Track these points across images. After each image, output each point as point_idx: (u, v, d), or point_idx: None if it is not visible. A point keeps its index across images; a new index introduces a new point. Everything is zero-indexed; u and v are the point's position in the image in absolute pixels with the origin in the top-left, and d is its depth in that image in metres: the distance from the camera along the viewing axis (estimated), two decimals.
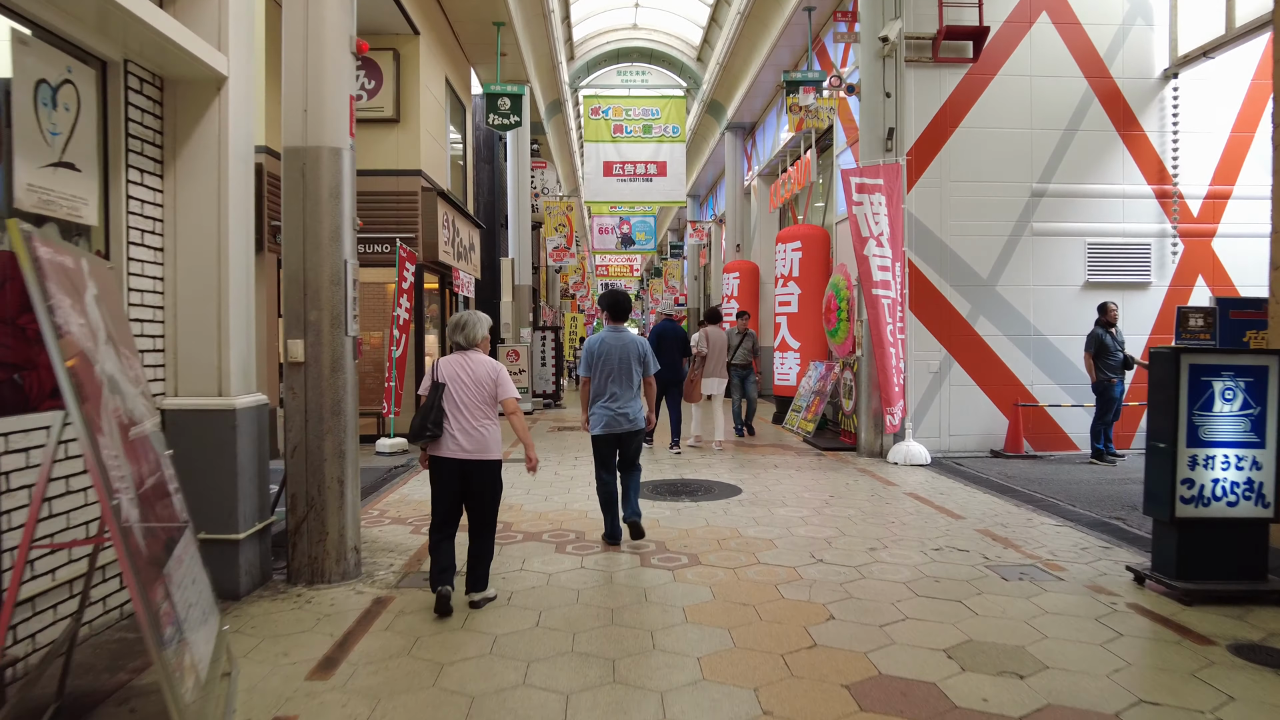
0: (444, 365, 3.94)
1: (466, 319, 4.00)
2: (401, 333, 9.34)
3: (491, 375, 3.93)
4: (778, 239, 12.12)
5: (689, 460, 8.41)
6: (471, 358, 3.96)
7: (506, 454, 8.80)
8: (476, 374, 3.91)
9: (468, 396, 3.86)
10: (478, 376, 3.90)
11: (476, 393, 3.88)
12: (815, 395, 10.45)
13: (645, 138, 17.81)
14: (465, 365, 3.92)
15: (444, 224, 10.59)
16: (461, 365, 3.92)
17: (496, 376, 3.95)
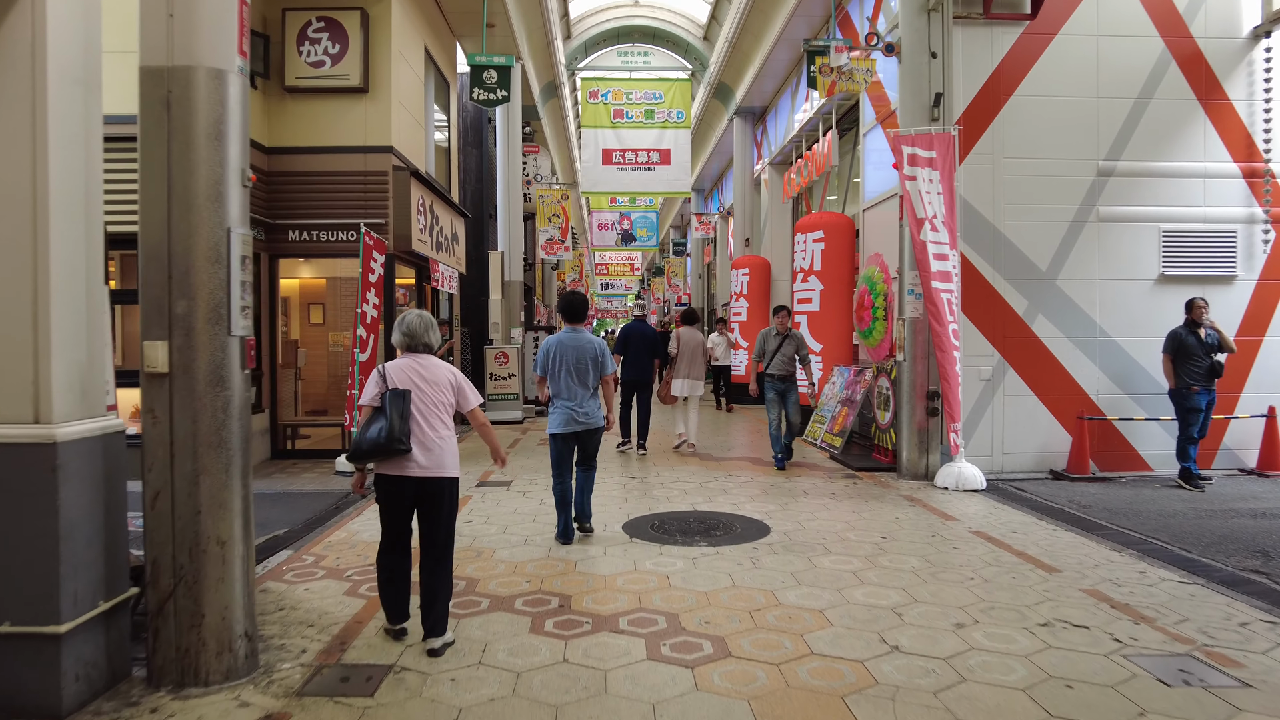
0: (394, 370, 3.48)
1: (416, 320, 3.59)
2: (369, 332, 8.08)
3: (450, 380, 3.57)
4: (796, 228, 10.86)
5: (701, 485, 7.13)
6: (424, 361, 3.56)
7: (486, 475, 7.72)
8: (434, 380, 3.51)
9: (425, 404, 3.45)
10: (435, 381, 3.51)
11: (434, 399, 3.49)
12: (842, 405, 9.17)
13: (647, 123, 16.54)
14: (419, 370, 3.51)
15: (419, 209, 9.32)
16: (415, 370, 3.50)
17: (456, 382, 3.59)
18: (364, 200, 8.87)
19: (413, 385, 3.43)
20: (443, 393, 3.51)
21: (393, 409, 3.32)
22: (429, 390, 3.47)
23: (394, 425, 3.29)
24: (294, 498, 6.95)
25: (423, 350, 3.58)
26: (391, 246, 8.87)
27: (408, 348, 3.58)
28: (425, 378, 3.48)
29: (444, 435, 3.47)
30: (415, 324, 3.58)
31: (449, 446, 3.48)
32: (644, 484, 7.09)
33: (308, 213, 8.84)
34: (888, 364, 8.12)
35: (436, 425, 3.45)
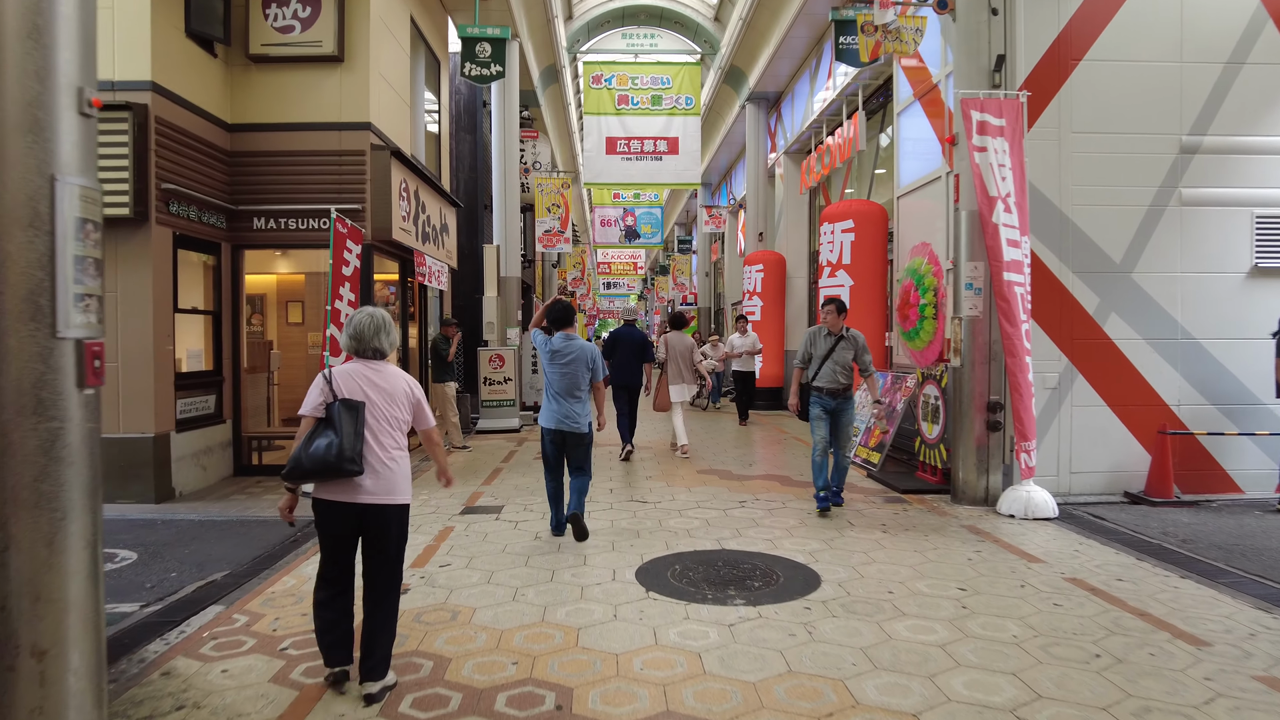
0: (342, 377, 3.02)
1: (365, 321, 3.11)
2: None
3: (407, 393, 3.14)
4: (823, 217, 9.81)
5: (725, 513, 6.09)
6: (379, 369, 3.11)
7: (475, 497, 6.60)
8: (390, 391, 3.09)
9: (377, 419, 3.03)
10: (391, 393, 3.09)
11: (388, 414, 3.06)
12: (880, 415, 8.13)
13: (654, 110, 15.51)
14: (372, 379, 3.07)
15: (402, 193, 8.29)
16: (367, 379, 3.06)
17: (414, 397, 3.17)
18: (338, 183, 7.84)
19: (365, 397, 3.00)
20: (398, 407, 3.09)
21: (345, 423, 2.89)
22: (382, 404, 3.04)
23: (346, 442, 2.86)
24: (248, 527, 5.92)
25: (373, 356, 3.11)
26: (369, 235, 7.84)
27: (356, 352, 3.11)
28: (379, 388, 3.05)
29: (395, 456, 3.05)
30: (364, 325, 3.09)
31: (401, 469, 3.07)
32: (659, 511, 6.04)
33: (275, 197, 7.81)
34: (936, 369, 7.08)
35: (388, 444, 3.03)
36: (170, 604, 4.12)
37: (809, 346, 6.18)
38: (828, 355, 6.06)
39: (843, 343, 6.08)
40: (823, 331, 6.18)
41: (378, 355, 3.10)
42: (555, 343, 5.31)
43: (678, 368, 9.06)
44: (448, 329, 9.71)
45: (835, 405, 6.07)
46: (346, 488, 2.93)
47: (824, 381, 6.05)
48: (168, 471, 6.76)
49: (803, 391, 6.15)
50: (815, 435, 6.08)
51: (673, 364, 9.08)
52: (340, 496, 2.93)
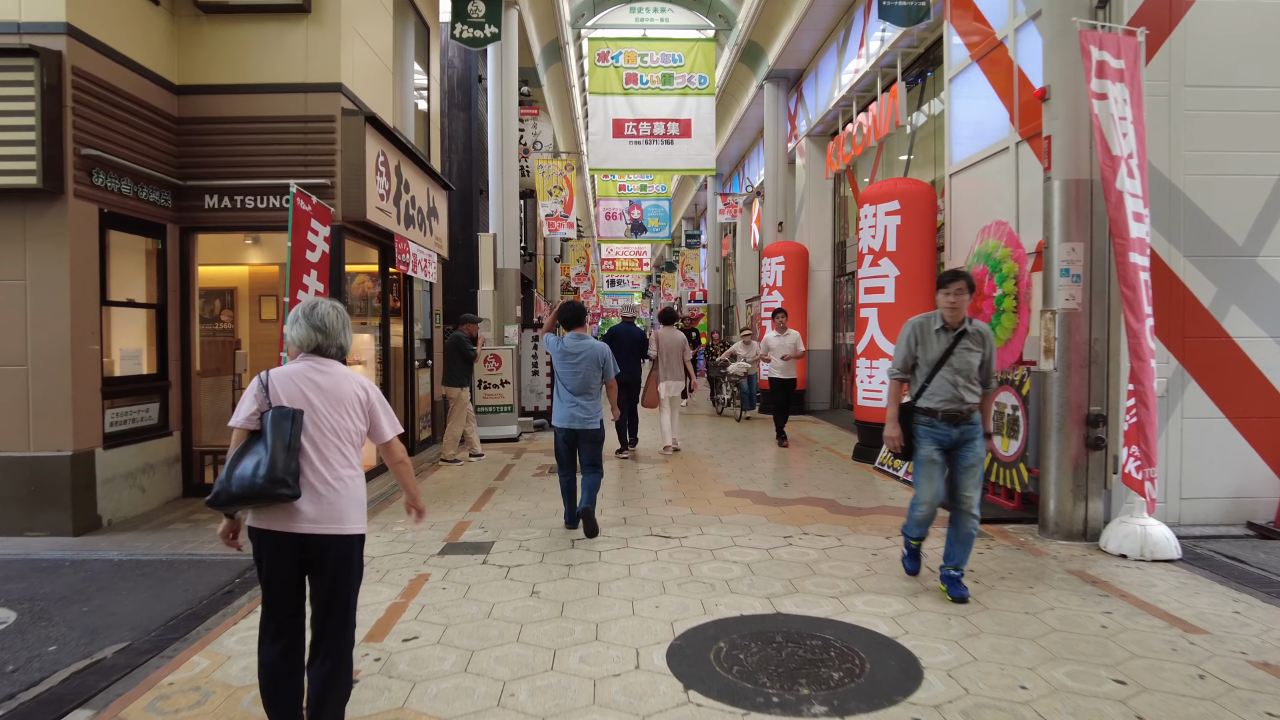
0: (280, 381, 2.48)
1: (332, 313, 2.60)
2: None
3: (360, 397, 2.57)
4: (863, 199, 8.63)
5: (770, 554, 4.92)
6: (325, 369, 2.55)
7: (459, 529, 5.30)
8: (336, 395, 2.52)
9: (321, 430, 2.48)
10: (338, 399, 2.52)
11: (335, 424, 2.51)
12: None
13: (665, 90, 14.34)
14: (316, 380, 2.51)
15: (379, 167, 7.13)
16: (310, 381, 2.50)
17: (368, 400, 2.60)
18: (304, 154, 6.68)
19: (305, 403, 2.50)
20: (348, 416, 2.56)
21: (275, 435, 2.40)
22: (328, 412, 2.53)
23: (276, 459, 2.37)
24: (177, 570, 4.76)
25: (335, 354, 2.63)
26: (339, 215, 6.68)
27: (314, 348, 2.59)
28: (324, 392, 2.53)
29: (344, 476, 2.53)
30: (331, 317, 2.61)
31: (351, 491, 2.54)
32: (686, 551, 4.88)
33: (231, 171, 6.66)
34: (1015, 373, 5.90)
35: (335, 461, 2.52)
36: (16, 709, 2.96)
37: (912, 346, 4.23)
38: (943, 360, 4.02)
39: (966, 340, 4.02)
40: (934, 323, 4.15)
41: (338, 354, 2.62)
42: (567, 343, 5.42)
43: (667, 364, 9.00)
44: (469, 326, 8.67)
45: (959, 435, 4.04)
46: (285, 515, 2.44)
47: (939, 401, 4.02)
48: (92, 496, 5.61)
49: (904, 416, 4.22)
50: (921, 484, 4.15)
51: (663, 360, 9.00)
52: (277, 525, 2.44)
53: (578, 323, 5.52)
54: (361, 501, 2.58)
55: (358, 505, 2.56)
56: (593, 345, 5.41)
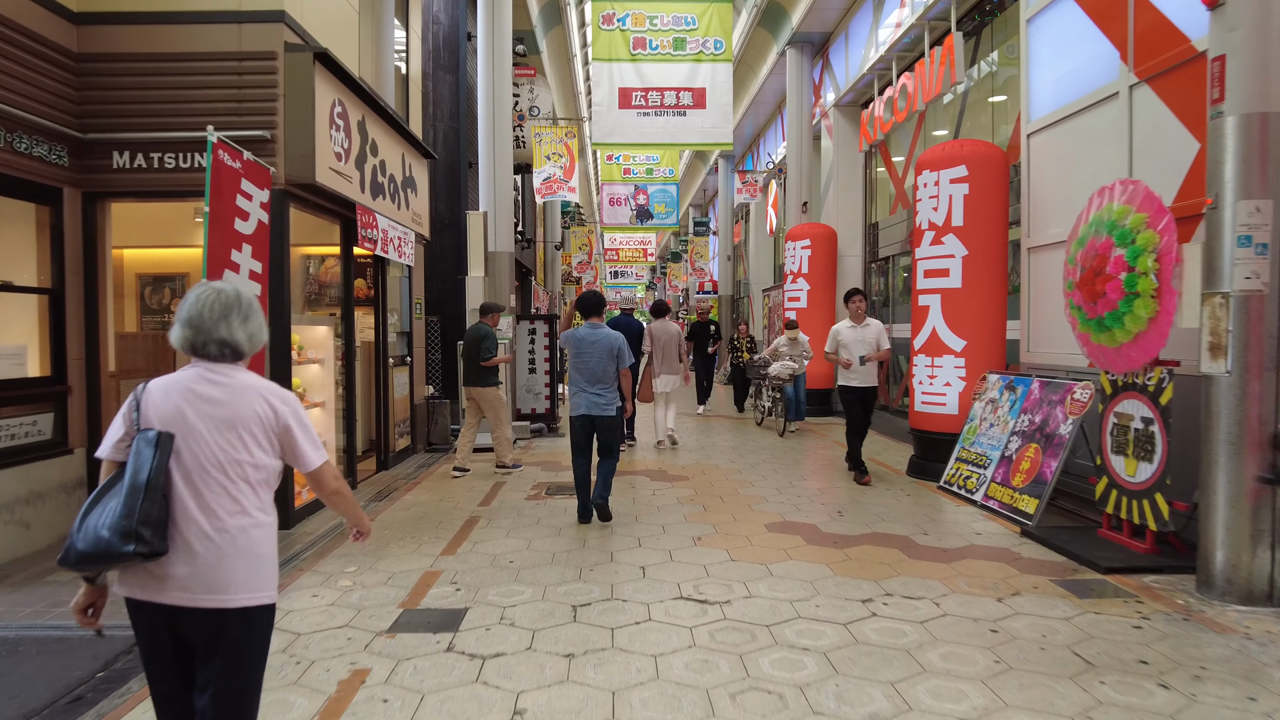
0: (157, 395, 1.91)
1: (211, 299, 1.94)
2: None
3: (264, 416, 1.94)
4: (920, 164, 7.25)
5: (857, 637, 3.58)
6: (216, 377, 1.93)
7: (425, 583, 3.81)
8: (228, 414, 1.91)
9: (203, 462, 1.88)
10: (231, 420, 1.91)
11: (223, 454, 1.89)
12: (1025, 440, 5.60)
13: (677, 56, 12.91)
14: (200, 395, 1.91)
15: (336, 120, 5.76)
16: (193, 395, 1.91)
17: (276, 418, 1.96)
18: (237, 100, 5.33)
19: (181, 425, 1.87)
20: (244, 443, 1.90)
21: (132, 471, 1.80)
22: (214, 437, 1.88)
23: (129, 504, 1.77)
24: (46, 650, 3.43)
25: (228, 357, 1.95)
26: (282, 176, 5.33)
27: (193, 349, 1.93)
28: (211, 410, 1.89)
29: (235, 526, 1.88)
30: (203, 304, 1.93)
31: (246, 546, 1.88)
32: (732, 629, 3.53)
33: (146, 121, 5.31)
34: (1148, 376, 4.54)
35: (221, 506, 1.87)
36: None
37: None
38: None
39: None
40: None
41: (232, 355, 1.94)
42: (582, 332, 5.49)
43: (663, 358, 8.76)
44: (489, 316, 7.46)
45: None
46: (150, 578, 1.83)
47: None
48: None
49: None
50: None
51: (658, 354, 8.76)
52: (142, 593, 1.84)
53: (595, 311, 5.61)
54: (264, 559, 1.94)
55: (257, 566, 1.92)
56: (607, 334, 5.46)
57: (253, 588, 1.90)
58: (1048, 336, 6.39)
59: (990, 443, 6.09)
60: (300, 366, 6.08)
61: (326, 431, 6.35)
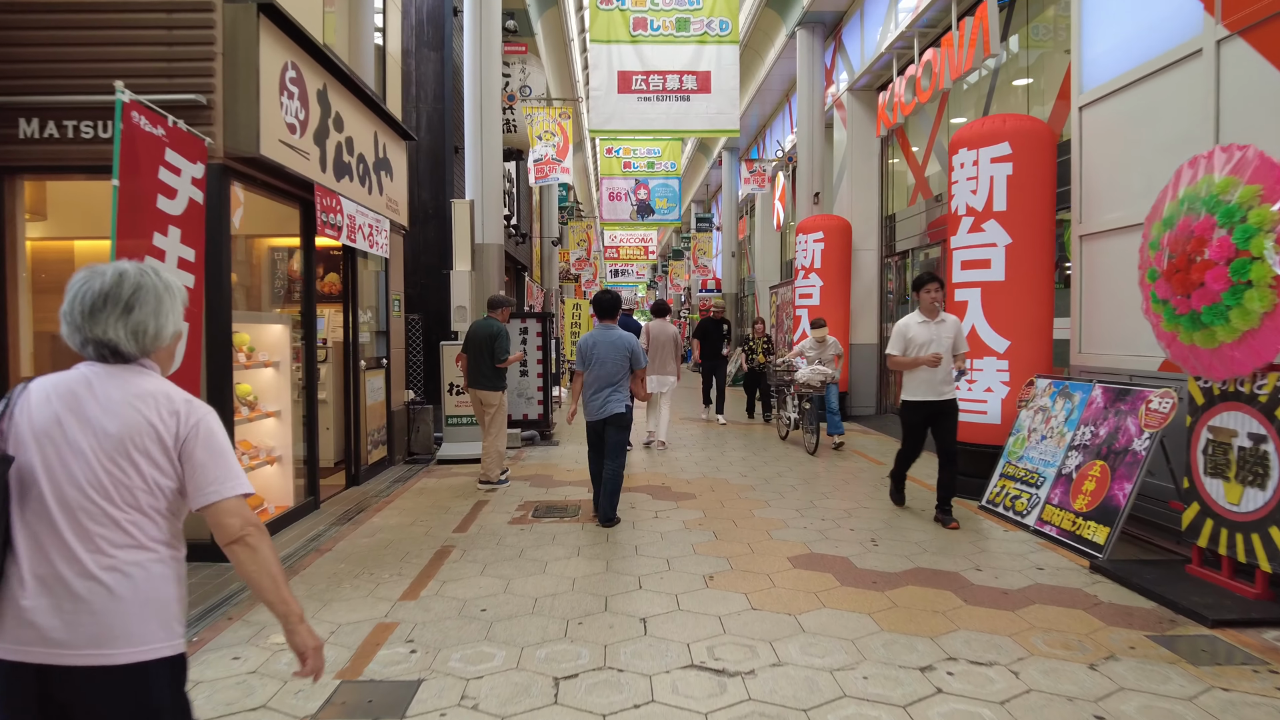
0: (37, 398, 1.59)
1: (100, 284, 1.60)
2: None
3: (158, 431, 1.59)
4: (956, 142, 6.46)
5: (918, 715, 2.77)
6: (111, 383, 1.60)
7: (371, 645, 2.96)
8: (114, 425, 1.57)
9: (80, 484, 1.55)
10: (117, 433, 1.57)
11: (104, 475, 1.56)
12: (1088, 456, 4.81)
13: (680, 37, 12.12)
14: (82, 400, 1.58)
15: (287, 86, 4.97)
16: (74, 400, 1.58)
17: (176, 433, 1.60)
18: (167, 59, 4.54)
19: (59, 439, 1.56)
20: (135, 463, 1.56)
21: None
22: (95, 454, 1.56)
23: None
24: None
25: (111, 358, 1.61)
26: (221, 148, 4.54)
27: (80, 346, 1.61)
28: (93, 420, 1.56)
29: (125, 563, 1.54)
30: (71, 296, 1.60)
31: (140, 588, 1.55)
32: (759, 712, 2.74)
33: (59, 84, 4.52)
34: (1256, 384, 3.74)
35: (105, 538, 1.54)
36: None
37: None
38: None
39: None
40: None
41: (106, 356, 1.60)
42: (595, 335, 5.43)
43: (658, 359, 8.59)
44: (498, 311, 6.74)
45: None
46: (15, 630, 1.50)
47: None
48: None
49: None
50: None
51: (654, 355, 8.56)
52: (8, 652, 1.50)
53: (609, 313, 5.55)
54: (164, 603, 1.57)
55: (154, 610, 1.55)
56: (620, 336, 5.42)
57: (147, 638, 1.54)
58: (1105, 335, 5.60)
59: (1043, 458, 5.30)
60: (250, 370, 5.30)
61: (283, 444, 5.57)
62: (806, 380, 8.17)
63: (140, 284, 1.61)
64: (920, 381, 5.29)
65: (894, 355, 5.37)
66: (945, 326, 5.33)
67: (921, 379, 5.26)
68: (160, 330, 1.62)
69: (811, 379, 8.15)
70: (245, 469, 5.25)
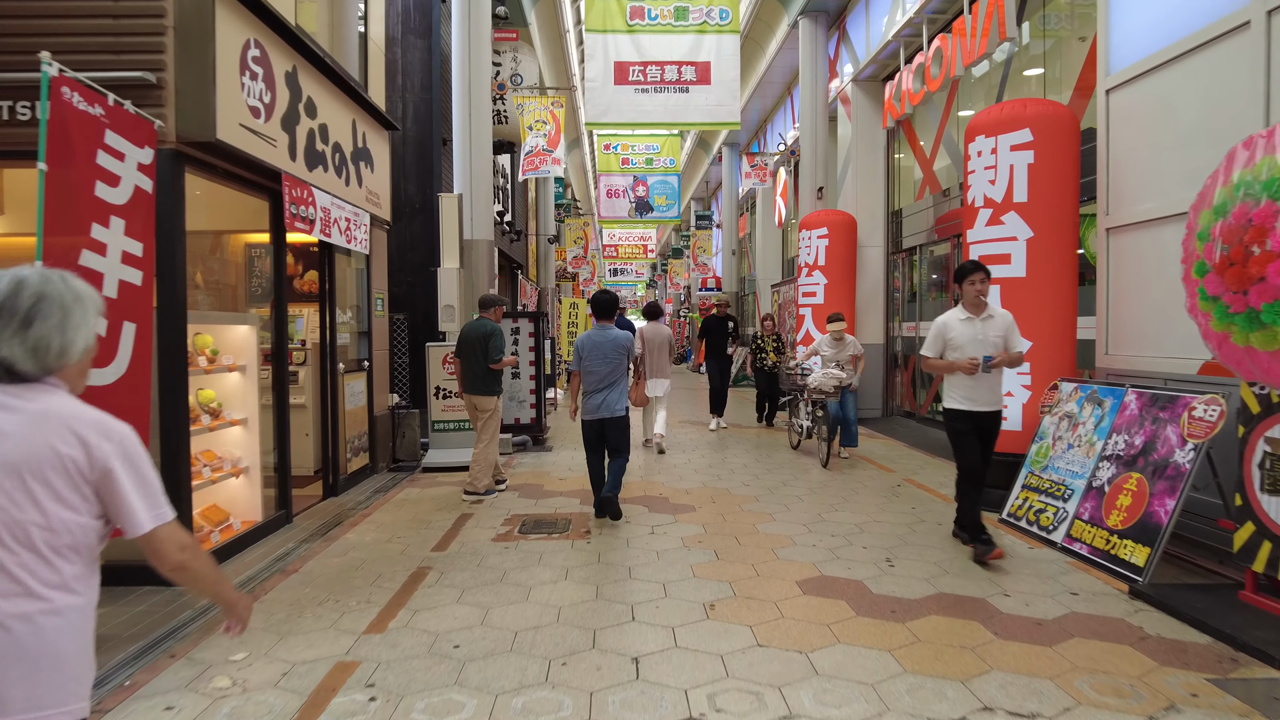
0: None
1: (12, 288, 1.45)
2: (116, 316, 3.53)
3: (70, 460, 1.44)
4: (972, 129, 6.05)
5: None
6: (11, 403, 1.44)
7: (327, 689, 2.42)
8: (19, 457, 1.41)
9: None
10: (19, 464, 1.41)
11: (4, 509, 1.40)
12: (1122, 468, 4.41)
13: (679, 26, 11.73)
14: None
15: (250, 65, 4.57)
16: None
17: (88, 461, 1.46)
18: (111, 33, 4.14)
19: None
20: (32, 495, 1.41)
21: None
22: None
23: None
24: None
25: (9, 375, 1.45)
26: (173, 132, 4.14)
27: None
28: None
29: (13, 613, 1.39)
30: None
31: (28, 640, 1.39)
32: None
33: None
34: None
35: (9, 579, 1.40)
36: None
37: None
38: None
39: None
40: None
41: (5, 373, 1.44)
42: (592, 336, 5.44)
43: (654, 361, 8.38)
44: (490, 310, 6.33)
45: None
46: None
47: None
48: None
49: None
50: None
51: (649, 357, 8.33)
52: None
53: (606, 313, 5.54)
54: (62, 660, 1.41)
55: (48, 671, 1.39)
56: (615, 335, 5.43)
57: (38, 703, 1.38)
58: (1136, 335, 5.20)
59: (1070, 469, 4.89)
60: (214, 375, 4.90)
61: (250, 454, 5.17)
62: (819, 385, 7.41)
63: (42, 293, 1.45)
64: (964, 385, 4.52)
65: (928, 357, 4.64)
66: (993, 324, 4.53)
67: (965, 382, 4.52)
68: (67, 346, 1.47)
69: (824, 384, 7.37)
70: (208, 481, 4.90)
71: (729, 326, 10.61)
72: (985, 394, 4.55)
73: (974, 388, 4.52)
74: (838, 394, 7.45)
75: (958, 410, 4.57)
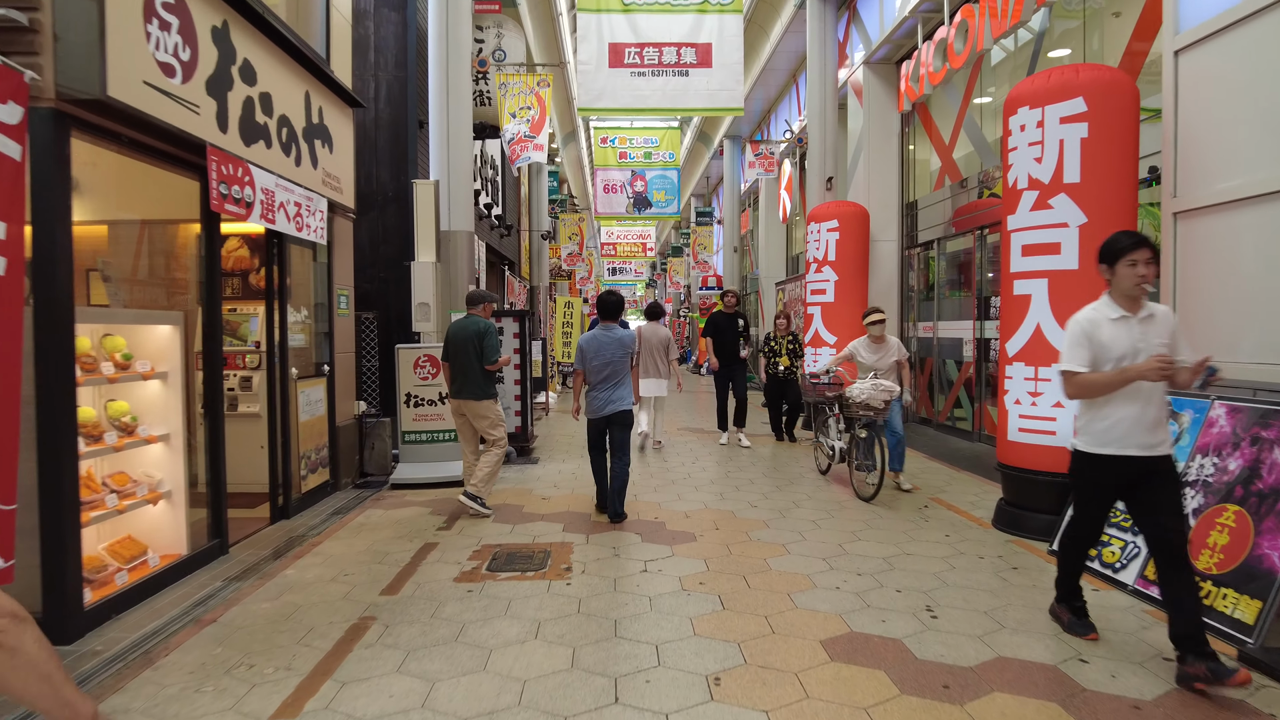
0: None
1: None
2: None
3: None
4: (1013, 100, 5.26)
5: None
6: None
7: None
8: None
9: None
10: None
11: None
12: (1214, 498, 3.64)
13: (679, 6, 10.99)
14: None
15: (158, 14, 3.80)
16: None
17: None
18: None
19: None
20: None
21: None
22: None
23: None
24: None
25: None
26: (51, 86, 3.38)
27: None
28: None
29: None
30: None
31: None
32: None
33: None
34: None
35: None
36: None
37: None
38: None
39: None
40: None
41: None
42: (597, 336, 5.49)
43: (649, 361, 8.25)
44: (479, 307, 5.69)
45: None
46: None
47: None
48: None
49: None
50: None
51: (645, 357, 8.22)
52: None
53: (612, 315, 5.61)
54: None
55: None
56: (618, 335, 5.51)
57: None
58: (1214, 337, 4.43)
59: None
60: (124, 384, 4.13)
61: (172, 475, 4.40)
62: (867, 400, 5.89)
63: None
64: (1117, 420, 3.11)
65: (1079, 374, 3.14)
66: (1154, 324, 3.12)
67: (1119, 416, 3.11)
68: None
69: (874, 398, 5.86)
70: (115, 510, 4.14)
71: (739, 325, 9.14)
72: (1151, 431, 3.09)
73: (1136, 420, 3.09)
74: (887, 409, 6.02)
75: (1109, 457, 3.13)
